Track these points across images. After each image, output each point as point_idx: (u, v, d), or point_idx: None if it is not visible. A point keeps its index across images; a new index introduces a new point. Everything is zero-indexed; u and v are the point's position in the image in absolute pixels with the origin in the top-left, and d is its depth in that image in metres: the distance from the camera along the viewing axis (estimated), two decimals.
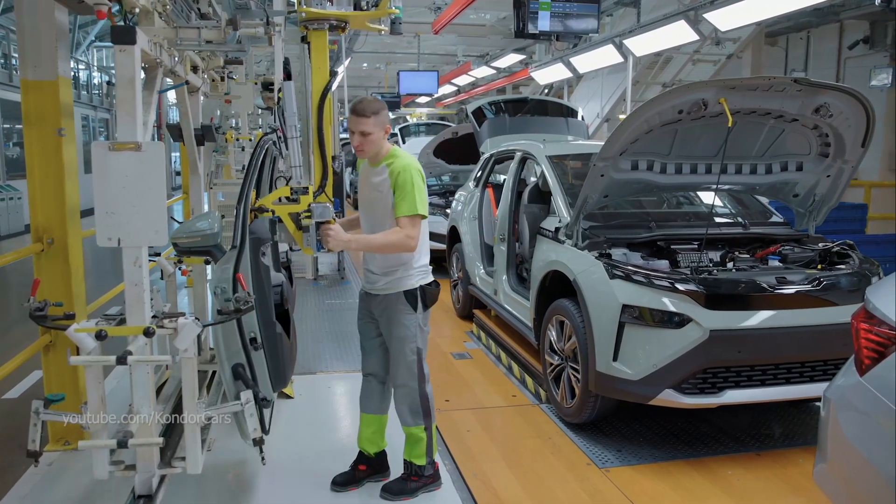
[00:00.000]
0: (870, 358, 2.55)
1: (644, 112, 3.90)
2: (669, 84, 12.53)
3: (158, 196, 2.75)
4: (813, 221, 4.64)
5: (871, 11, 11.86)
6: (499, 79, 17.38)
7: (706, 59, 12.17)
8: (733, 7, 8.69)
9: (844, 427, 2.65)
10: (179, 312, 2.96)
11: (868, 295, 2.71)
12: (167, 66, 3.47)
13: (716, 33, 10.46)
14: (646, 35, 10.41)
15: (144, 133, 2.84)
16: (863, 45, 12.62)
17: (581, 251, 4.28)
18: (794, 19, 12.00)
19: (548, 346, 4.62)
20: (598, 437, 4.23)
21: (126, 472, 2.94)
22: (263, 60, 12.22)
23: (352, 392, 4.89)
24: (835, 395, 2.72)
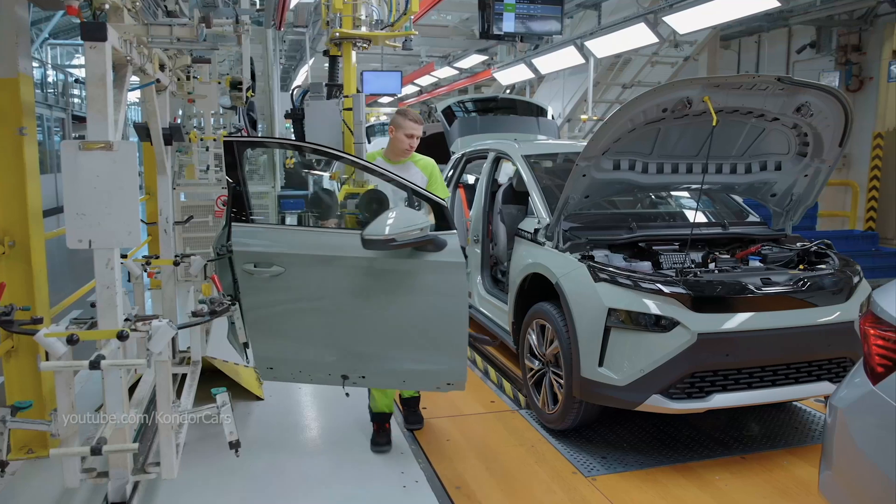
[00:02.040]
0: (883, 366, 2.37)
1: (628, 110, 3.69)
2: (629, 85, 12.46)
3: (131, 196, 2.64)
4: (790, 221, 4.50)
5: (816, 17, 11.99)
6: (461, 79, 17.12)
7: (664, 61, 12.12)
8: (690, 11, 8.73)
9: (856, 437, 2.47)
10: (153, 315, 2.80)
11: (876, 298, 2.53)
12: (137, 63, 3.26)
13: (674, 36, 10.42)
14: (607, 37, 10.34)
15: (116, 132, 2.69)
16: (810, 49, 12.74)
17: (562, 253, 4.06)
18: (746, 24, 12.04)
19: (527, 351, 4.39)
20: (581, 444, 4.01)
21: (98, 480, 2.85)
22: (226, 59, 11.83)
23: (324, 392, 4.77)
24: (844, 403, 2.54)
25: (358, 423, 4.32)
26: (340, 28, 3.95)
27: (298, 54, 16.67)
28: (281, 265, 3.36)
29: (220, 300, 3.24)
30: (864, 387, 2.41)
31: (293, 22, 12.34)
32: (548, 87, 14.18)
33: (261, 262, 3.37)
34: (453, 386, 3.53)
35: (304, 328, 3.54)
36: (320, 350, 3.54)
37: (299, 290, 3.45)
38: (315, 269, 3.41)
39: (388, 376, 3.61)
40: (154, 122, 4.33)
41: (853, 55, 12.16)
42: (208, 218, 8.45)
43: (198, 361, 4.33)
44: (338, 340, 3.51)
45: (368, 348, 3.51)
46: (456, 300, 3.36)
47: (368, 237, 3.17)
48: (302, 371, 3.62)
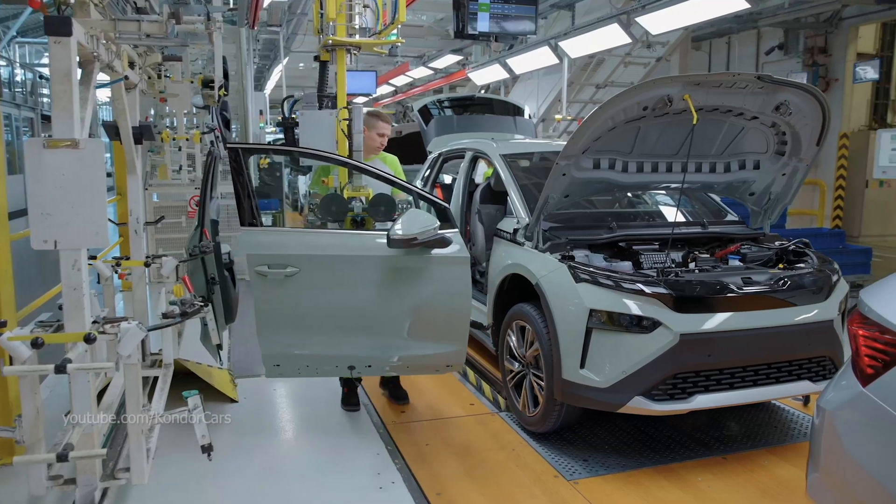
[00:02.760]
0: (872, 367, 2.30)
1: (609, 108, 3.60)
2: (602, 85, 12.45)
3: (98, 196, 2.57)
4: (768, 220, 4.45)
5: (784, 20, 12.10)
6: (436, 79, 17.02)
7: (637, 62, 12.13)
8: (663, 12, 8.73)
9: (844, 439, 2.39)
10: (122, 317, 2.76)
11: (864, 298, 2.46)
12: (104, 60, 3.16)
13: (647, 36, 10.42)
14: (580, 37, 10.32)
15: (82, 130, 2.63)
16: (778, 50, 12.87)
17: (542, 253, 3.96)
18: (716, 25, 12.12)
19: (507, 353, 4.28)
20: (562, 447, 3.91)
21: (65, 487, 2.78)
22: (199, 59, 11.60)
23: (298, 393, 4.73)
24: (832, 405, 2.47)
25: (333, 424, 4.26)
26: (334, 36, 4.12)
27: (273, 54, 16.41)
28: (296, 266, 3.54)
29: (190, 301, 3.21)
30: (854, 388, 2.34)
31: (267, 21, 12.12)
32: (522, 87, 14.13)
33: (275, 263, 3.53)
34: (451, 367, 3.85)
35: (317, 325, 3.69)
36: (331, 345, 3.71)
37: (313, 288, 3.61)
38: (330, 268, 3.63)
39: (395, 365, 3.80)
40: (123, 120, 4.24)
41: (819, 57, 12.28)
42: (181, 219, 8.27)
43: (170, 364, 4.24)
44: (349, 335, 3.69)
45: (378, 340, 3.71)
46: (461, 290, 3.64)
47: (394, 237, 3.45)
48: (309, 365, 3.77)
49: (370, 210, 3.88)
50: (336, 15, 4.12)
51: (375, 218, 3.87)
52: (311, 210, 4.13)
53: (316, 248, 3.65)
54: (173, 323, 3.18)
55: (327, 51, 4.29)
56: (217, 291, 3.74)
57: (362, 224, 3.90)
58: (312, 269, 3.58)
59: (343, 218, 3.93)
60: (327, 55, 4.36)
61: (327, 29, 4.14)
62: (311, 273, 3.57)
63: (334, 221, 3.93)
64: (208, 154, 4.25)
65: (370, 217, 3.89)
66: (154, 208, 8.18)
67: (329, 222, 3.93)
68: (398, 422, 4.26)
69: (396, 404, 4.52)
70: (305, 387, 4.88)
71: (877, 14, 11.55)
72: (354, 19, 4.22)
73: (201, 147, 8.05)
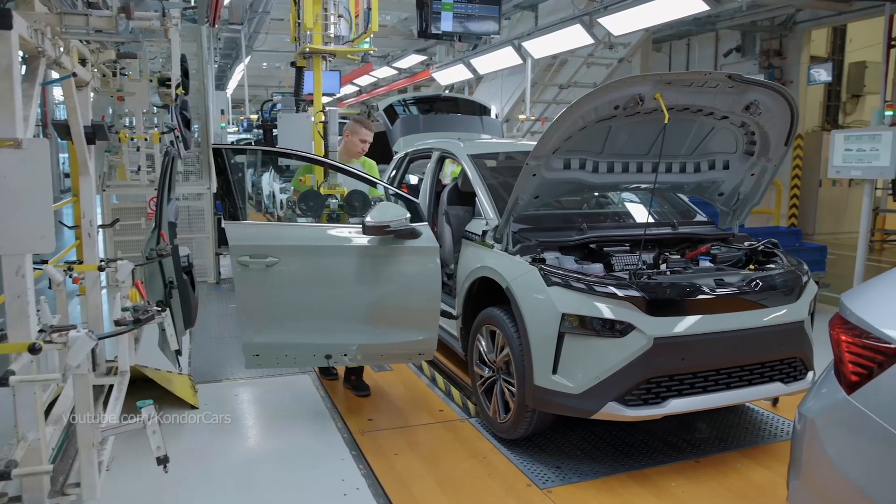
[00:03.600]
0: (857, 374, 2.19)
1: (580, 107, 3.46)
2: (566, 86, 12.40)
3: (44, 198, 2.43)
4: (737, 220, 4.38)
5: (741, 23, 12.21)
6: (400, 79, 16.80)
7: (599, 63, 12.10)
8: (624, 13, 8.73)
9: (828, 448, 2.29)
10: (70, 325, 2.57)
11: (846, 303, 2.36)
12: (51, 56, 2.96)
13: (609, 37, 10.39)
14: (544, 38, 10.25)
15: (25, 129, 2.45)
16: (736, 53, 12.99)
17: (512, 256, 3.81)
18: (676, 27, 12.17)
19: (477, 358, 4.12)
20: (534, 454, 3.77)
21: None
22: (158, 57, 11.21)
23: (260, 399, 4.58)
24: (814, 412, 2.36)
25: (296, 429, 4.12)
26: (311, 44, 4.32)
27: (234, 52, 15.99)
28: (276, 256, 3.72)
29: (144, 307, 3.02)
30: (837, 396, 2.24)
31: (228, 19, 11.80)
32: (486, 87, 14.01)
33: (256, 254, 3.72)
34: (424, 356, 4.02)
35: (295, 314, 3.82)
36: (308, 334, 3.85)
37: (291, 278, 3.78)
38: (307, 258, 3.80)
39: (370, 352, 3.97)
40: (75, 119, 4.01)
41: (775, 59, 12.42)
42: (140, 220, 7.99)
43: (125, 371, 4.03)
44: (326, 323, 3.85)
45: (354, 328, 3.85)
46: (431, 278, 3.83)
47: (370, 224, 3.68)
48: (288, 355, 3.91)
49: (346, 206, 4.04)
50: (313, 24, 4.31)
51: (351, 213, 4.04)
52: (290, 207, 4.26)
53: (294, 239, 3.85)
54: (125, 331, 2.99)
55: (304, 57, 4.51)
56: (175, 295, 3.64)
57: (338, 220, 4.08)
58: (291, 259, 3.75)
59: (320, 213, 4.08)
60: (304, 62, 4.59)
61: (304, 37, 4.34)
62: (289, 263, 3.75)
63: (312, 216, 4.09)
64: (165, 154, 4.22)
65: (346, 213, 4.06)
66: (112, 210, 7.90)
67: (307, 217, 4.09)
68: (366, 430, 4.07)
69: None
70: (267, 391, 4.75)
71: (828, 19, 11.72)
72: (330, 28, 4.40)
73: (161, 147, 7.75)
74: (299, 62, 4.65)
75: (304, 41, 4.39)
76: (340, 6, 4.52)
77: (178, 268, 3.66)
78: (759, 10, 11.34)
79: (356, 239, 3.78)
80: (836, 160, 6.71)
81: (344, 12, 4.49)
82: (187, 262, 4.30)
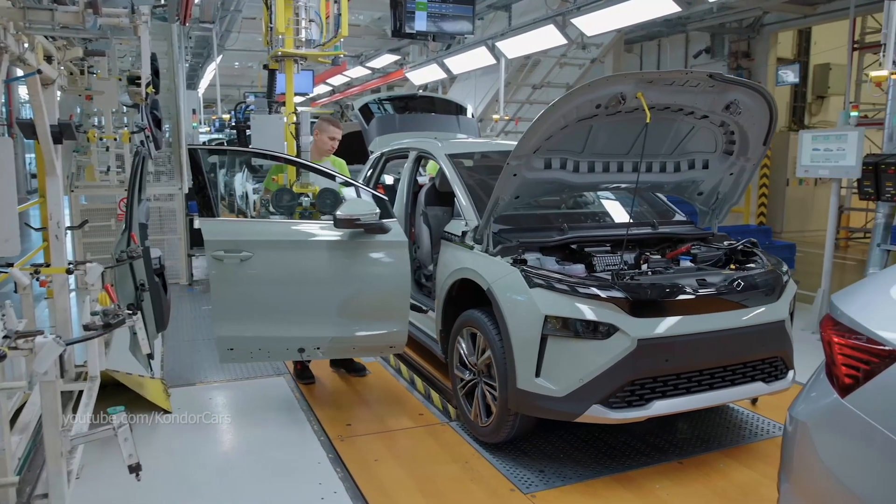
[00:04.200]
0: (851, 377, 2.13)
1: (562, 106, 3.37)
2: (539, 86, 12.36)
3: (8, 200, 2.42)
4: (716, 219, 4.33)
5: (711, 25, 12.29)
6: (374, 79, 16.62)
7: (572, 63, 12.08)
8: (597, 13, 8.72)
9: (821, 452, 2.22)
10: (37, 331, 2.47)
11: (837, 304, 2.29)
12: (14, 52, 2.84)
13: (582, 38, 10.36)
14: (517, 38, 10.19)
15: None
16: (705, 54, 13.07)
17: (493, 257, 3.71)
18: (647, 29, 12.20)
19: (457, 361, 4.01)
20: (517, 457, 3.67)
21: None
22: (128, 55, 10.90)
23: (235, 402, 4.46)
24: (806, 415, 2.29)
25: (272, 433, 4.01)
26: (283, 48, 4.40)
27: (206, 51, 15.67)
28: (250, 251, 3.77)
29: (114, 311, 2.92)
30: (830, 399, 2.17)
31: (199, 17, 11.52)
32: (460, 87, 13.91)
33: (231, 249, 3.77)
34: (395, 349, 4.12)
35: (268, 308, 3.87)
36: (282, 327, 3.89)
37: (265, 272, 3.81)
38: (280, 252, 3.86)
39: (341, 346, 4.04)
40: (40, 118, 3.83)
41: (743, 61, 12.52)
42: (111, 221, 7.76)
43: (96, 377, 3.88)
44: (299, 316, 3.89)
45: (326, 322, 3.91)
46: (401, 272, 3.90)
47: (340, 216, 3.75)
48: (262, 349, 3.95)
49: (317, 203, 4.09)
50: (286, 29, 4.38)
51: (322, 210, 4.07)
52: (264, 205, 4.30)
53: (268, 234, 3.92)
54: (94, 336, 2.88)
55: (276, 61, 4.60)
56: (147, 298, 3.54)
57: (310, 218, 4.12)
58: (264, 253, 3.81)
59: (293, 210, 4.13)
60: (276, 64, 4.68)
61: (276, 41, 4.41)
62: (263, 258, 3.80)
63: (285, 213, 4.13)
64: (136, 154, 4.12)
65: (317, 211, 4.11)
66: (81, 211, 7.68)
67: (280, 214, 4.14)
68: (345, 436, 3.94)
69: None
70: (242, 394, 4.65)
71: (794, 22, 11.85)
72: (301, 32, 4.48)
73: (130, 147, 7.53)
74: (271, 65, 4.76)
75: (276, 45, 4.48)
76: (311, 11, 4.60)
77: (150, 270, 3.59)
78: (728, 12, 11.43)
79: (328, 234, 3.86)
80: (804, 160, 6.73)
81: (315, 17, 4.59)
82: (159, 264, 4.26)
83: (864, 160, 6.17)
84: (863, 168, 6.16)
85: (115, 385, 4.10)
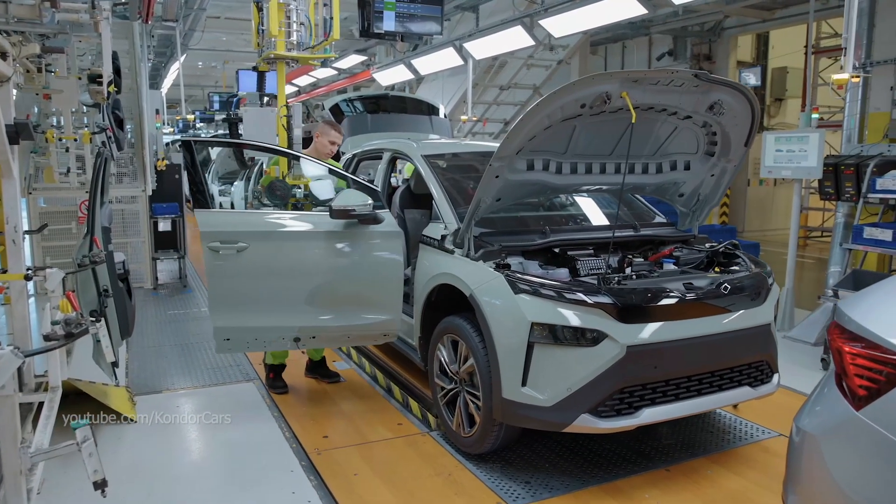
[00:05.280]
0: (866, 388, 1.99)
1: (547, 106, 3.19)
2: (506, 87, 12.21)
3: None
4: (696, 221, 4.21)
5: (674, 28, 12.30)
6: (340, 80, 16.28)
7: (539, 64, 11.97)
8: (565, 15, 8.62)
9: (832, 466, 2.08)
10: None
11: (846, 311, 2.16)
12: None
13: (549, 39, 10.25)
14: (486, 39, 10.02)
15: None
16: (668, 56, 13.08)
17: (475, 262, 3.52)
18: (612, 31, 12.14)
19: (438, 369, 3.81)
20: (502, 468, 3.49)
21: None
22: (87, 53, 10.42)
23: (203, 410, 4.24)
24: (815, 427, 2.15)
25: (242, 442, 3.81)
26: (275, 50, 4.47)
27: (169, 50, 15.15)
28: (245, 242, 3.75)
29: (77, 320, 2.78)
30: (844, 411, 2.03)
31: (162, 15, 11.07)
32: (427, 87, 13.70)
33: (226, 240, 3.74)
34: (388, 337, 4.08)
35: (264, 298, 3.84)
36: (278, 317, 3.86)
37: (260, 262, 3.79)
38: (275, 243, 3.85)
39: (336, 334, 4.00)
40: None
41: (705, 63, 12.55)
42: (71, 224, 7.40)
43: (57, 387, 3.64)
44: (294, 306, 3.86)
45: (321, 311, 3.91)
46: (394, 262, 3.93)
47: (336, 207, 3.78)
48: (258, 339, 3.93)
49: (310, 195, 4.17)
50: (278, 32, 4.43)
51: (315, 203, 4.15)
52: (257, 196, 4.30)
53: (263, 225, 3.89)
54: (55, 346, 2.74)
55: (268, 63, 4.70)
56: (111, 305, 3.45)
57: (302, 209, 4.17)
58: (260, 244, 3.79)
59: (287, 201, 4.16)
60: (266, 66, 4.79)
61: (269, 44, 4.50)
62: (258, 248, 3.78)
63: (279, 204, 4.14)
64: (98, 155, 3.97)
65: (310, 202, 4.18)
66: (40, 214, 7.31)
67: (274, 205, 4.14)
68: (322, 449, 3.70)
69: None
70: (210, 401, 4.41)
71: (753, 26, 11.93)
72: (292, 35, 4.52)
73: (91, 148, 7.16)
74: (261, 67, 4.87)
75: (267, 47, 4.55)
76: (302, 14, 4.65)
77: (114, 275, 3.51)
78: (691, 15, 11.43)
79: (323, 224, 3.84)
80: (767, 160, 6.71)
81: (305, 20, 4.65)
82: (123, 269, 4.09)
83: (824, 161, 6.17)
84: (823, 169, 6.16)
85: (77, 394, 3.88)
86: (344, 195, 3.86)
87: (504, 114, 12.98)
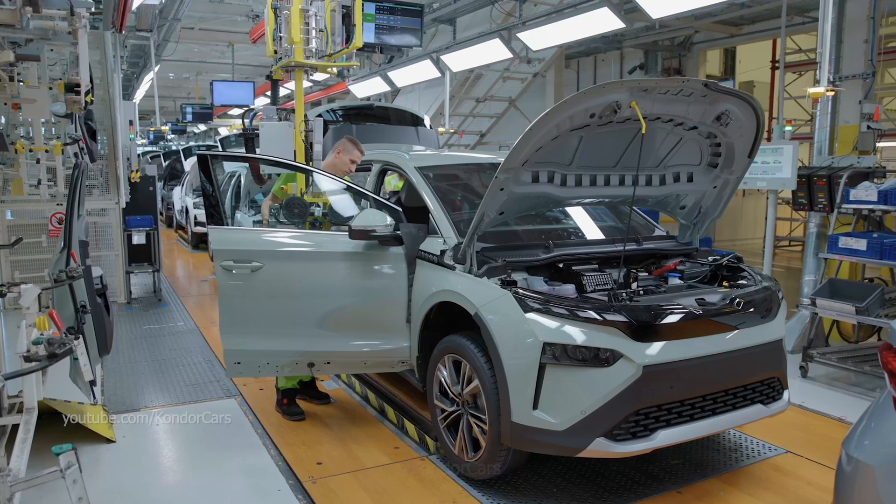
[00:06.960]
0: None
1: (556, 115, 2.97)
2: (482, 99, 12.04)
3: None
4: (697, 234, 4.04)
5: (644, 42, 12.28)
6: (315, 91, 15.94)
7: (515, 77, 11.82)
8: (542, 28, 8.52)
9: (887, 499, 1.90)
10: None
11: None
12: None
13: (527, 52, 10.11)
14: (463, 51, 9.85)
15: None
16: (639, 70, 13.05)
17: (479, 278, 3.28)
18: (586, 45, 12.07)
19: (438, 390, 3.55)
20: (508, 494, 3.24)
21: None
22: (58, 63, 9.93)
23: (183, 427, 4.00)
24: (872, 456, 1.95)
25: (225, 461, 3.58)
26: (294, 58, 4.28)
27: (142, 61, 14.64)
28: (260, 261, 3.58)
29: (60, 340, 2.64)
30: None
31: (136, 25, 10.65)
32: (403, 99, 13.45)
33: (241, 259, 3.57)
34: (404, 364, 3.79)
35: (278, 320, 3.65)
36: (291, 341, 3.66)
37: (275, 283, 3.61)
38: (291, 263, 3.66)
39: (354, 360, 3.77)
40: None
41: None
42: (41, 238, 7.00)
43: (32, 408, 3.30)
44: (309, 329, 3.65)
45: (337, 335, 3.68)
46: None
47: (356, 228, 3.56)
48: (269, 363, 3.71)
49: (330, 214, 3.95)
50: (298, 39, 4.24)
51: (335, 221, 3.93)
52: (273, 214, 4.08)
53: (279, 244, 3.72)
54: (38, 368, 2.58)
55: (285, 71, 4.50)
56: (89, 321, 3.33)
57: (320, 227, 3.91)
58: (275, 264, 3.61)
59: (304, 220, 3.90)
60: (280, 74, 4.60)
61: (288, 51, 4.30)
62: (273, 268, 3.60)
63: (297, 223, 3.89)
64: (75, 167, 3.67)
65: (328, 221, 3.93)
66: (8, 227, 6.91)
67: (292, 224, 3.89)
68: (317, 477, 3.41)
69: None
70: (192, 419, 4.12)
71: (721, 41, 11.98)
72: (311, 42, 4.33)
73: (63, 160, 6.77)
74: (276, 75, 4.69)
75: (286, 55, 4.34)
76: (321, 21, 4.48)
77: (92, 290, 3.40)
78: (662, 30, 11.41)
79: (342, 245, 3.64)
80: None
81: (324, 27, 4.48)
82: (101, 284, 3.88)
83: (797, 172, 6.13)
84: (797, 180, 6.13)
85: (51, 414, 3.58)
86: (364, 215, 3.65)
87: (480, 126, 12.81)
